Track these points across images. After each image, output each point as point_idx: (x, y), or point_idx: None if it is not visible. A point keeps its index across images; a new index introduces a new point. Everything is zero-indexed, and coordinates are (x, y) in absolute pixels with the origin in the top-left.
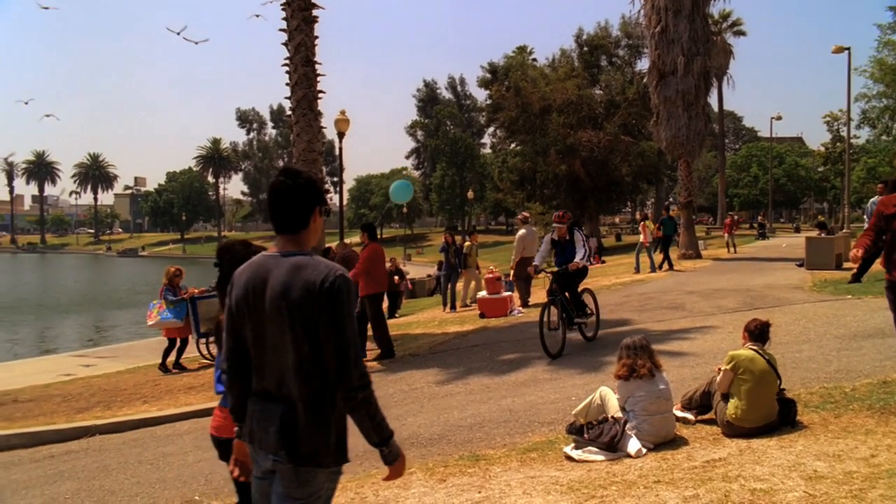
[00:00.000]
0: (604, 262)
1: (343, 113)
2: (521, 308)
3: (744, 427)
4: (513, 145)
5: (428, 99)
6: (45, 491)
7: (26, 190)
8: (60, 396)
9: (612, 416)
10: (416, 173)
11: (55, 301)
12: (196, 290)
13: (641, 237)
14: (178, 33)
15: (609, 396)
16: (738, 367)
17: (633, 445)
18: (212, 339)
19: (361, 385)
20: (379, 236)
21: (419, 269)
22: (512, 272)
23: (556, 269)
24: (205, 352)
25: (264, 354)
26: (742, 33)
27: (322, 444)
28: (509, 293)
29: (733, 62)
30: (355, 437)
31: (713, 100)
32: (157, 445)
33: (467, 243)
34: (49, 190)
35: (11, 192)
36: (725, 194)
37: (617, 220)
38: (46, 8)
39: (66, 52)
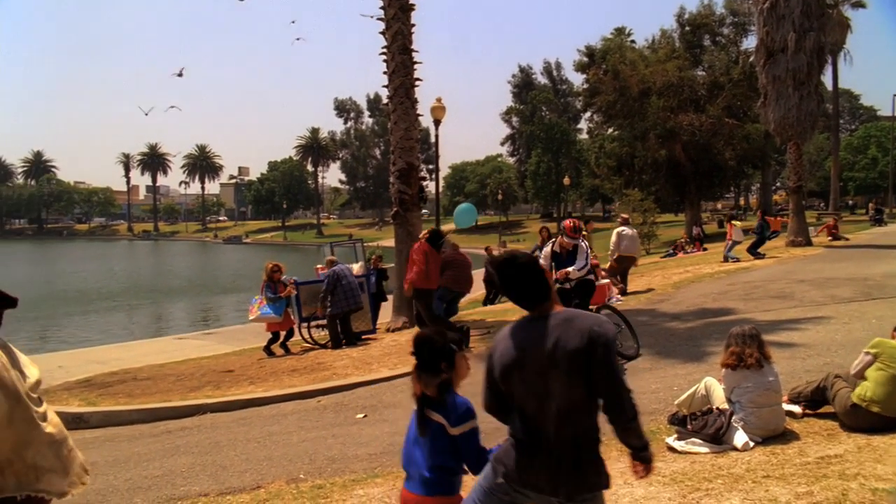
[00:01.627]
0: (705, 249)
1: (439, 100)
2: (619, 296)
3: (871, 412)
4: (610, 130)
5: (523, 84)
6: (163, 464)
7: (141, 180)
8: (174, 376)
9: (718, 408)
10: (511, 160)
11: (167, 286)
12: (293, 290)
13: (728, 234)
14: (298, 38)
15: (715, 387)
16: (882, 354)
17: (740, 438)
18: (314, 322)
19: (634, 416)
20: (475, 224)
21: None
22: (607, 267)
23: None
24: (306, 335)
25: (537, 403)
26: (861, 5)
27: (598, 475)
28: (607, 280)
29: (851, 36)
30: None
31: (827, 78)
32: (264, 424)
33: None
34: (161, 180)
35: (128, 182)
36: (839, 178)
37: (719, 205)
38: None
39: (177, 51)
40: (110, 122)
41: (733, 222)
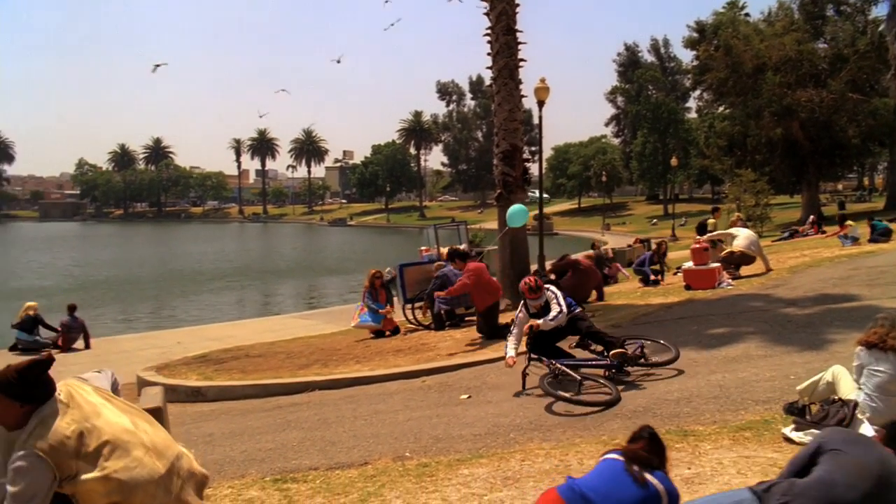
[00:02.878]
0: (824, 232)
1: (543, 81)
2: (731, 281)
3: None
4: (721, 108)
5: (629, 63)
6: (275, 437)
7: (251, 165)
8: (284, 353)
9: (842, 399)
10: (616, 141)
11: (275, 267)
12: (390, 310)
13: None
14: (392, 23)
15: (843, 376)
16: None
17: (867, 432)
18: (418, 304)
19: None
20: (577, 206)
21: (619, 238)
22: (722, 255)
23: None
24: (410, 317)
25: None
26: None
27: None
28: (717, 264)
29: None
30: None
31: None
32: (370, 403)
33: (711, 220)
34: (270, 164)
35: (239, 167)
36: None
37: (840, 186)
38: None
39: (284, 39)
40: (223, 109)
41: (848, 223)
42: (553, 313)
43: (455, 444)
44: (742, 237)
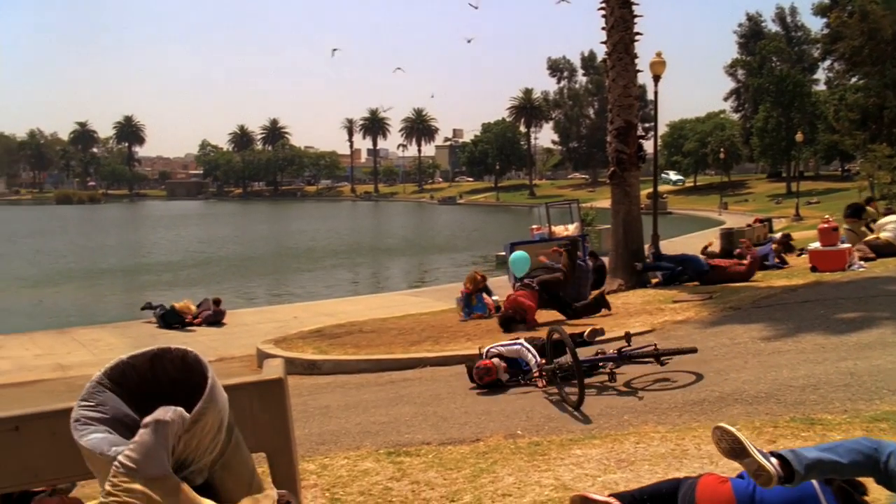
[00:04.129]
0: None
1: (659, 55)
2: (862, 262)
3: None
4: (854, 79)
5: (751, 34)
6: (388, 411)
7: (363, 144)
8: (396, 330)
9: None
10: (735, 116)
11: (386, 244)
12: (492, 303)
13: None
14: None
15: None
16: None
17: None
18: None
19: None
20: (693, 184)
21: (737, 218)
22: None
23: None
24: None
25: None
26: None
27: None
28: (848, 245)
29: None
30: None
31: None
32: None
33: (870, 209)
34: (381, 144)
35: (351, 146)
36: None
37: None
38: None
39: (392, 18)
40: (336, 89)
41: None
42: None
43: (567, 423)
44: (892, 225)
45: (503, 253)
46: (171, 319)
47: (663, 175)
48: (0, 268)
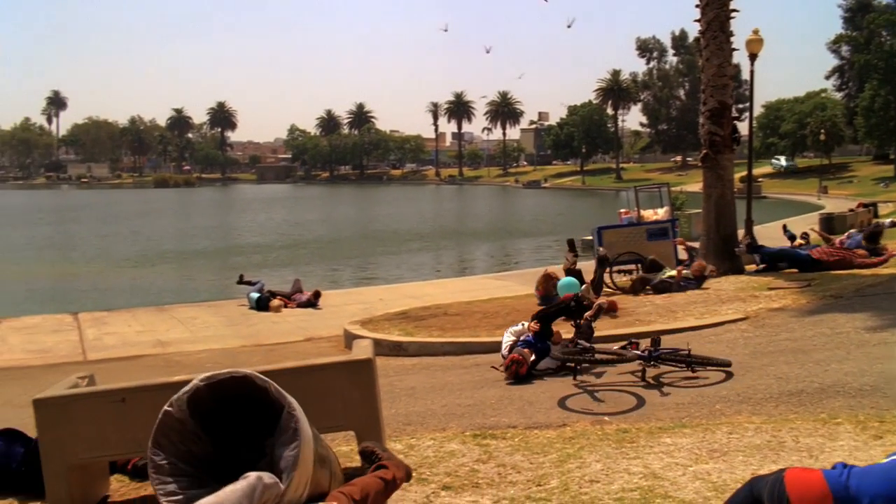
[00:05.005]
0: None
1: (756, 32)
2: None
3: None
4: None
5: (858, 8)
6: (473, 394)
7: (447, 128)
8: (481, 313)
9: None
10: (838, 95)
11: (470, 228)
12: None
13: None
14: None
15: None
16: None
17: None
18: (615, 267)
19: None
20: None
21: (838, 202)
22: None
23: None
24: (608, 280)
25: None
26: None
27: None
28: None
29: None
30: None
31: None
32: None
33: None
34: (466, 127)
35: (436, 130)
36: None
37: None
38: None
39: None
40: (420, 74)
41: None
42: None
43: (656, 411)
44: None
45: (590, 237)
46: (264, 306)
47: (773, 161)
48: (104, 248)
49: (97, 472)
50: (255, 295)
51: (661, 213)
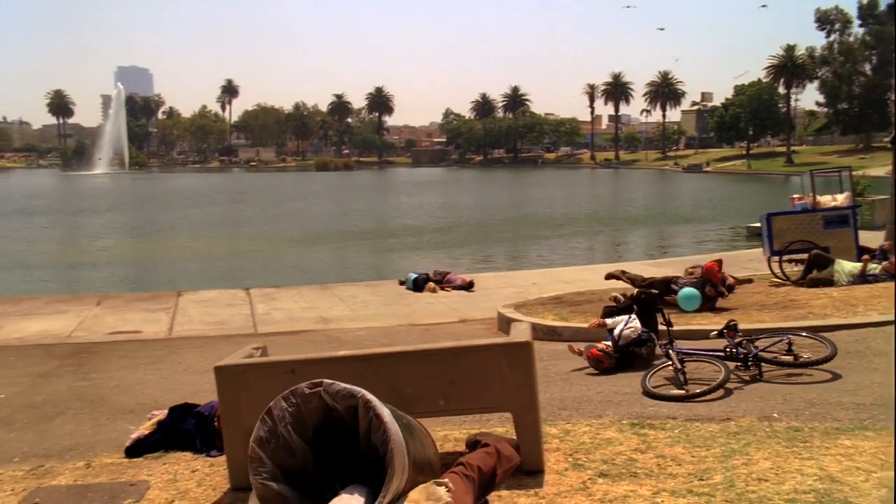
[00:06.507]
0: None
1: None
2: None
3: None
4: None
5: None
6: (631, 382)
7: (604, 110)
8: None
9: None
10: None
11: (626, 213)
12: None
13: None
14: None
15: None
16: None
17: None
18: (785, 257)
19: None
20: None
21: None
22: None
23: None
24: (777, 270)
25: None
26: None
27: None
28: None
29: None
30: None
31: None
32: None
33: None
34: (623, 109)
35: (592, 112)
36: None
37: None
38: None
39: None
40: (576, 55)
41: None
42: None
43: (832, 410)
44: None
45: (758, 224)
46: (421, 287)
47: None
48: (270, 228)
49: None
50: (413, 275)
51: (840, 199)
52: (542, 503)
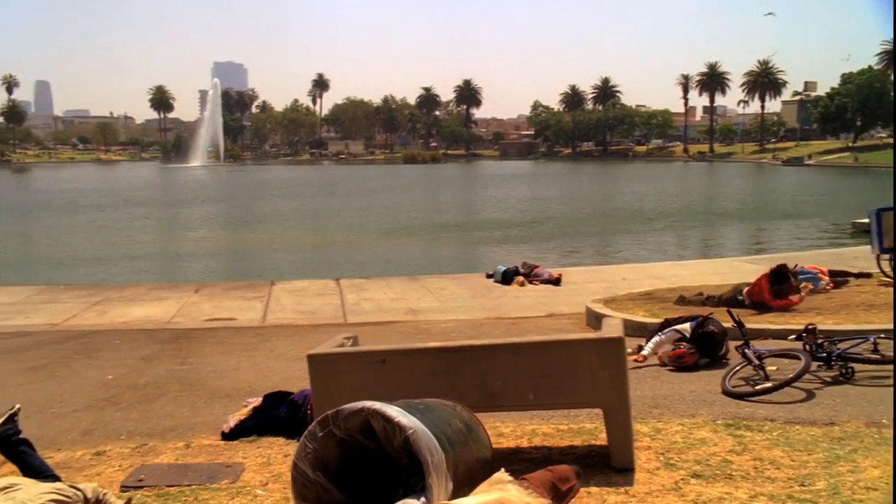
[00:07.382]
0: None
1: None
2: None
3: None
4: None
5: None
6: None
7: (698, 101)
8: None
9: None
10: None
11: (720, 208)
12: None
13: None
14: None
15: None
16: None
17: None
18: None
19: None
20: None
21: None
22: None
23: None
24: (887, 269)
25: None
26: None
27: None
28: None
29: None
30: None
31: None
32: None
33: None
34: (719, 100)
35: (686, 103)
36: None
37: None
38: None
39: None
40: (669, 45)
41: None
42: None
43: None
44: None
45: (864, 220)
46: (509, 280)
47: None
48: (359, 219)
49: None
50: (502, 268)
51: None
52: (633, 501)
